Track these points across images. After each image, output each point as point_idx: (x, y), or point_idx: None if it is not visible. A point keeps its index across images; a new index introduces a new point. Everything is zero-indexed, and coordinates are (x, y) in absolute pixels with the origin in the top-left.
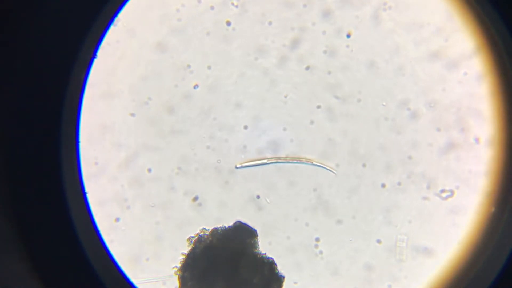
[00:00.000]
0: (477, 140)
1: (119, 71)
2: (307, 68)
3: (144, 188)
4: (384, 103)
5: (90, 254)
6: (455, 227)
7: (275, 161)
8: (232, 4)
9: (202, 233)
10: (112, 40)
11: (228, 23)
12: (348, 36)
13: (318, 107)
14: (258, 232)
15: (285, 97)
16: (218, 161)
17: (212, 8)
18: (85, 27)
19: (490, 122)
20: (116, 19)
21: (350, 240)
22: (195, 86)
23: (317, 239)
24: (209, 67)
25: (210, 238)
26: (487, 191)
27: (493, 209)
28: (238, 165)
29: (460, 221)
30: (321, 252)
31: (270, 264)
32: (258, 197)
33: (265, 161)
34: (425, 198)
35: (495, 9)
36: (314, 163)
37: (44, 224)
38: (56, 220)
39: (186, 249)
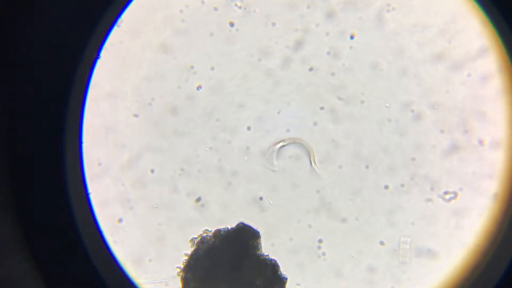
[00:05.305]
0: (481, 142)
1: (122, 72)
2: (311, 69)
3: (147, 189)
4: (388, 105)
5: (93, 255)
6: (458, 229)
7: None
8: (236, 5)
9: (205, 234)
10: (115, 41)
11: (232, 24)
12: (352, 37)
13: (322, 108)
14: (261, 233)
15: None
16: (219, 160)
17: (215, 9)
18: (89, 28)
19: (496, 123)
20: (119, 20)
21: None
22: (198, 87)
23: (320, 241)
24: (212, 68)
25: (212, 239)
26: (491, 193)
27: (497, 211)
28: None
29: (464, 223)
30: (324, 254)
31: (272, 266)
32: (261, 198)
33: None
34: (428, 200)
35: (499, 9)
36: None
37: (47, 225)
38: (59, 221)
39: (189, 250)
